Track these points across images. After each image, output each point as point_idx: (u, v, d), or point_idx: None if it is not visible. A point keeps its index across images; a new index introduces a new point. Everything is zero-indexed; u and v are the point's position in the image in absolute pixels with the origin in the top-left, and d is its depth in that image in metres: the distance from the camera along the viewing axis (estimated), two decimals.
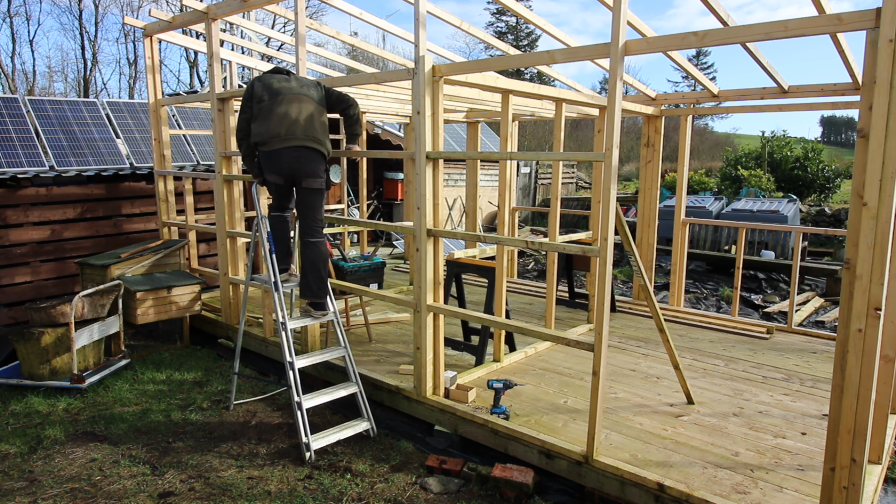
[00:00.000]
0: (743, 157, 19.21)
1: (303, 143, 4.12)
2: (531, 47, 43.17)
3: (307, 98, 4.22)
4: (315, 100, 4.26)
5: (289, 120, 4.11)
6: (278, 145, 4.11)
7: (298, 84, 4.27)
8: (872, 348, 2.54)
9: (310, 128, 4.16)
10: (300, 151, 4.13)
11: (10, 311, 6.10)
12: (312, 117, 4.18)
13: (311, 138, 4.15)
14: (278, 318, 4.06)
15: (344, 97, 4.44)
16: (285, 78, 4.29)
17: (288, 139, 4.11)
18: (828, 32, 2.70)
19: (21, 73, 28.45)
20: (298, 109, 4.15)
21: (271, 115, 4.13)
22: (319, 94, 4.33)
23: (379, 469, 3.74)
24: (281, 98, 4.15)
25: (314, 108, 4.23)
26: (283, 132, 4.10)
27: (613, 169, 3.10)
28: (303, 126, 4.14)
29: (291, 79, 4.30)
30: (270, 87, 4.20)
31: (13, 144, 6.42)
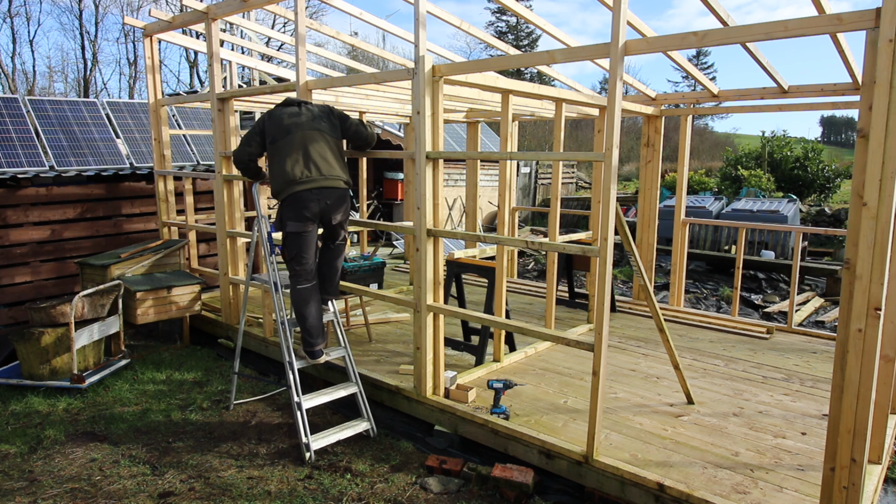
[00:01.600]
0: (743, 157, 19.22)
1: (324, 185, 3.91)
2: (531, 47, 43.16)
3: (319, 133, 3.98)
4: (328, 132, 4.04)
5: (305, 162, 3.90)
6: (298, 188, 3.87)
7: (309, 116, 4.03)
8: (872, 348, 2.54)
9: (326, 165, 3.94)
10: (324, 192, 3.92)
11: (10, 311, 6.10)
12: (328, 152, 3.97)
13: (331, 177, 3.94)
14: (278, 318, 4.06)
15: (363, 135, 4.21)
16: (295, 112, 4.05)
17: (307, 181, 3.88)
18: (828, 32, 2.70)
19: (21, 73, 28.48)
20: (311, 147, 3.93)
21: (285, 158, 3.92)
22: (332, 125, 4.11)
23: (379, 469, 3.74)
24: (292, 138, 3.93)
25: (328, 141, 4.00)
26: (299, 175, 3.88)
27: (613, 169, 3.10)
28: (318, 165, 3.91)
29: (302, 111, 4.06)
30: (280, 124, 3.99)
31: (13, 144, 6.42)
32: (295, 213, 3.91)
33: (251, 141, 4.10)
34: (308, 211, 3.91)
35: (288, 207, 3.93)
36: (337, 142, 4.09)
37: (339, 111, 4.22)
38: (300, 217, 3.92)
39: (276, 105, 4.16)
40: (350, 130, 4.20)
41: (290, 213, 3.93)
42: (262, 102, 6.95)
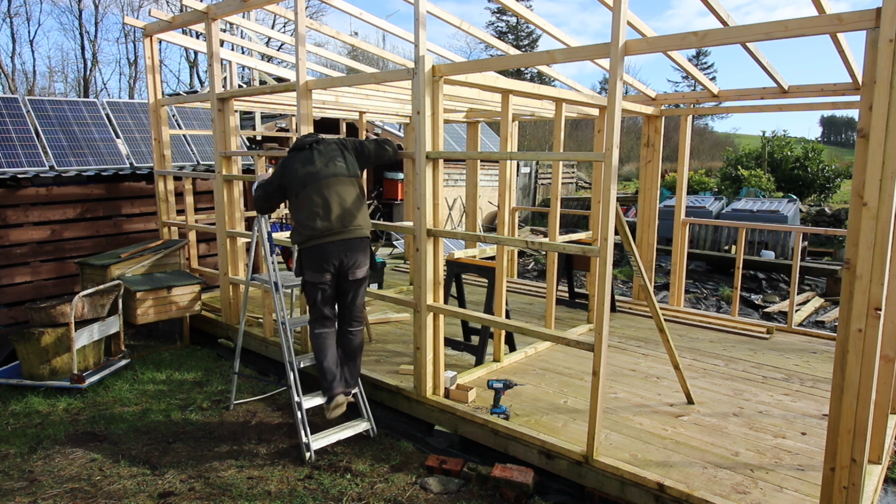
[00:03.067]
0: (743, 157, 19.22)
1: (345, 236, 3.74)
2: (531, 47, 43.16)
3: (336, 178, 3.78)
4: (345, 173, 3.82)
5: (325, 213, 3.73)
6: (321, 241, 3.74)
7: (324, 161, 3.81)
8: (872, 348, 2.54)
9: (347, 215, 3.76)
10: (347, 244, 3.75)
11: (10, 311, 6.10)
12: (347, 198, 3.78)
13: (351, 228, 3.76)
14: (278, 318, 4.06)
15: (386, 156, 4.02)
16: (308, 157, 3.84)
17: (326, 234, 3.73)
18: (828, 32, 2.70)
19: (21, 73, 28.48)
20: (330, 196, 3.74)
21: (305, 211, 3.76)
22: (348, 161, 3.90)
23: (379, 469, 3.74)
24: (308, 191, 3.75)
25: (346, 184, 3.79)
26: (321, 228, 3.72)
27: (613, 169, 3.10)
28: (339, 215, 3.74)
29: (314, 155, 3.84)
30: (296, 177, 3.81)
31: (13, 144, 6.42)
32: (316, 264, 3.78)
33: (270, 196, 3.99)
34: (328, 263, 3.77)
35: (308, 257, 3.81)
36: (356, 181, 3.90)
37: (354, 141, 4.00)
38: (320, 269, 3.79)
39: (289, 151, 4.00)
40: (371, 157, 4.04)
41: (309, 264, 3.81)
42: (262, 102, 6.95)
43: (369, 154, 4.05)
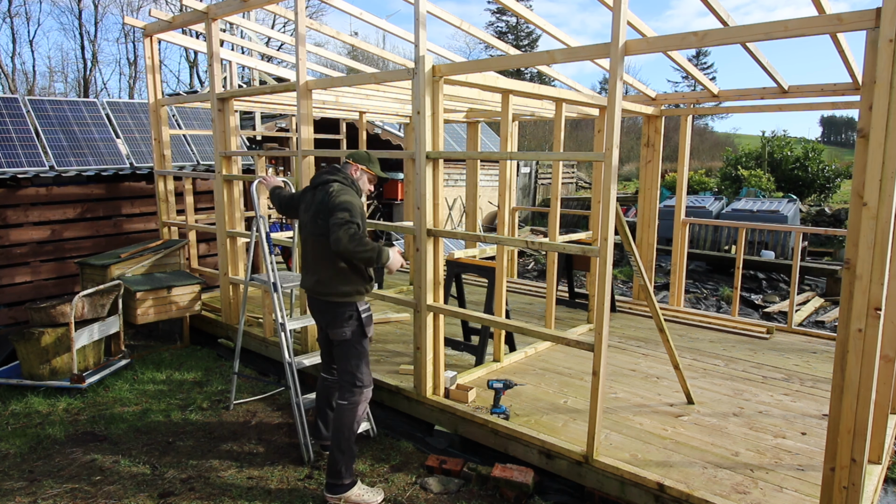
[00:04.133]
0: (743, 157, 19.22)
1: (314, 296, 3.52)
2: (531, 47, 43.16)
3: (313, 236, 3.44)
4: (322, 233, 3.38)
5: (305, 265, 3.56)
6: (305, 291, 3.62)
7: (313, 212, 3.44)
8: (872, 348, 2.54)
9: (319, 277, 3.45)
10: (315, 302, 3.54)
11: (10, 311, 6.10)
12: (319, 257, 3.43)
13: (320, 290, 3.46)
14: (278, 318, 4.06)
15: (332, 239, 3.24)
16: (309, 200, 3.52)
17: (307, 289, 3.57)
18: (828, 32, 2.70)
19: (21, 73, 28.46)
20: (308, 251, 3.52)
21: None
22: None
23: (379, 469, 3.74)
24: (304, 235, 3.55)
25: (321, 245, 3.40)
26: (303, 278, 3.60)
27: (613, 169, 3.10)
28: (313, 273, 3.49)
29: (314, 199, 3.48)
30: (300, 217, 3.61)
31: (13, 144, 6.41)
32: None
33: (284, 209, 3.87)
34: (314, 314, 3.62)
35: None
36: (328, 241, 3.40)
37: (336, 201, 3.31)
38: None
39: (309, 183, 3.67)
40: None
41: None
42: (262, 102, 6.95)
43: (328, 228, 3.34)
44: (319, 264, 3.44)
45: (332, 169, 3.55)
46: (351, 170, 3.61)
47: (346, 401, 3.45)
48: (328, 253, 3.36)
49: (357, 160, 3.65)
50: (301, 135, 4.74)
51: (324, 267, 3.42)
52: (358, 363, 3.47)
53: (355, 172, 3.62)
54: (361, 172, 3.65)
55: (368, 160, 3.68)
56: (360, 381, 3.47)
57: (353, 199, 3.36)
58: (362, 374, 3.48)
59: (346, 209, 3.27)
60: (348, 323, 3.43)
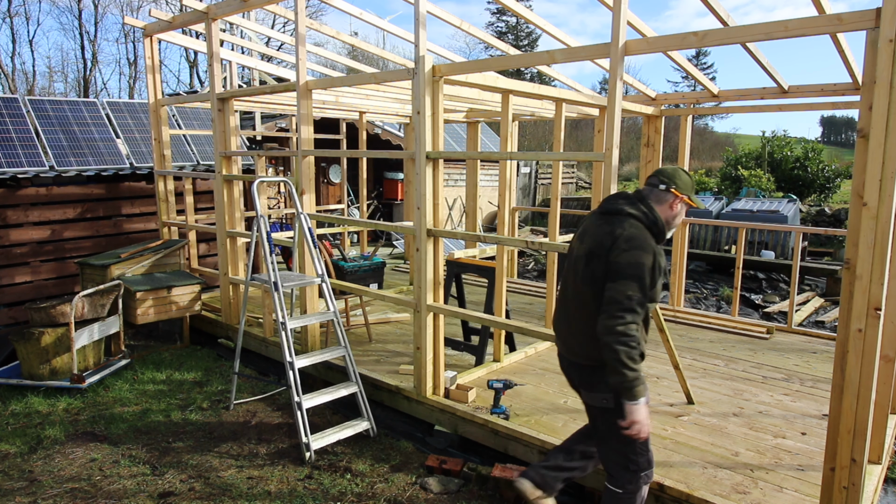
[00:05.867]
0: (743, 157, 19.22)
1: (562, 352, 2.82)
2: (531, 47, 43.16)
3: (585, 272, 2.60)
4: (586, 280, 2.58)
5: (560, 301, 2.84)
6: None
7: (592, 244, 2.59)
8: (872, 348, 2.54)
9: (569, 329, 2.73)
10: (563, 359, 2.84)
11: (10, 311, 6.10)
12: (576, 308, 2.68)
13: (568, 349, 2.76)
14: (278, 317, 4.06)
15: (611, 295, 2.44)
16: (595, 220, 2.70)
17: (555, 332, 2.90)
18: (828, 32, 2.70)
19: (21, 73, 28.46)
20: (568, 288, 2.74)
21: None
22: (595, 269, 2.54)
23: (379, 469, 3.74)
24: (566, 262, 2.84)
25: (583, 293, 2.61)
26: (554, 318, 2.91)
27: (613, 169, 3.10)
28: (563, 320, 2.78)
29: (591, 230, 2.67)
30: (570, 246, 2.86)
31: (13, 144, 6.41)
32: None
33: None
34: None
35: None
36: (593, 292, 2.53)
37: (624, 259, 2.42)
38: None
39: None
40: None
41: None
42: (262, 102, 6.96)
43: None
44: (577, 313, 2.63)
45: (635, 197, 2.63)
46: (667, 202, 2.61)
47: (621, 489, 2.60)
48: (590, 305, 2.55)
49: (682, 188, 2.61)
50: (301, 135, 4.74)
51: (582, 320, 2.60)
52: (632, 446, 2.56)
53: (673, 207, 2.61)
54: (681, 206, 2.64)
55: (691, 187, 2.67)
56: (635, 463, 2.58)
57: (646, 258, 2.42)
58: (636, 455, 2.57)
59: (636, 279, 2.39)
60: (609, 388, 2.53)
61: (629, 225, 2.50)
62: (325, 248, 5.79)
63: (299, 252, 4.91)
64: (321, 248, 5.35)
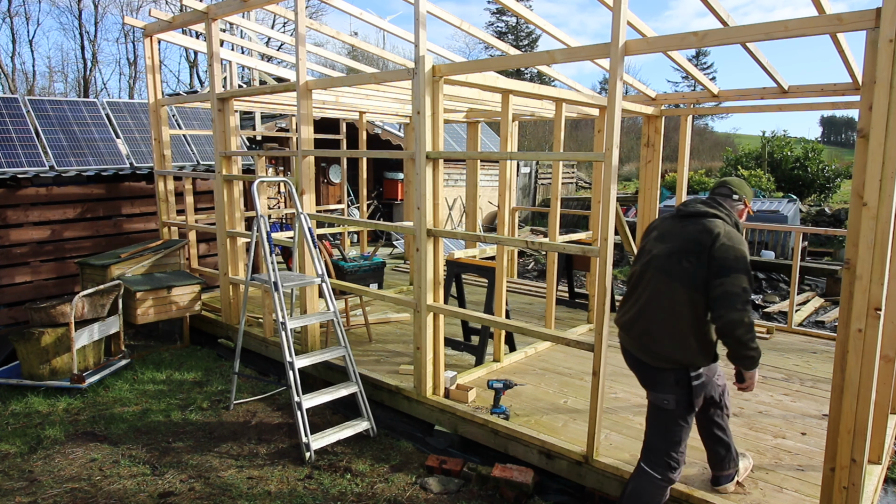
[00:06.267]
0: (743, 157, 19.23)
1: (630, 348, 2.90)
2: (531, 47, 43.16)
3: (673, 269, 2.68)
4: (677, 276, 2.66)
5: (629, 298, 2.94)
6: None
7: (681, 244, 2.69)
8: (872, 348, 2.54)
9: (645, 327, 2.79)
10: (629, 355, 2.95)
11: (10, 311, 6.10)
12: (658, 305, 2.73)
13: (641, 346, 2.82)
14: (278, 318, 4.06)
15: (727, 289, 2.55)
16: (672, 224, 2.82)
17: (621, 328, 2.98)
18: (828, 32, 2.70)
19: (21, 73, 28.45)
20: (645, 285, 2.80)
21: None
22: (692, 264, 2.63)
23: (379, 469, 3.74)
24: (638, 265, 2.91)
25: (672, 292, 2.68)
26: (620, 315, 3.00)
27: (613, 169, 3.10)
28: (638, 318, 2.82)
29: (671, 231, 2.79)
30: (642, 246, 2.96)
31: (13, 144, 6.41)
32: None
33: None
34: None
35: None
36: (686, 289, 2.62)
37: (731, 255, 2.56)
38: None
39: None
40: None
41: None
42: (262, 102, 6.95)
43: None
44: (654, 313, 2.70)
45: (712, 201, 2.81)
46: (738, 211, 2.84)
47: (658, 474, 2.74)
48: (673, 304, 2.63)
49: (748, 196, 2.87)
50: (301, 135, 4.74)
51: (659, 320, 2.68)
52: (679, 440, 2.72)
53: (741, 215, 2.86)
54: (746, 215, 2.93)
55: (752, 195, 2.93)
56: (675, 461, 2.73)
57: (746, 252, 2.60)
58: (679, 455, 2.73)
59: (746, 272, 2.54)
60: (673, 389, 2.68)
61: (722, 224, 2.68)
62: (325, 248, 5.79)
63: (299, 252, 4.91)
64: (321, 248, 5.35)
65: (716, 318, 2.57)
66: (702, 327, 2.64)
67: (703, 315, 2.63)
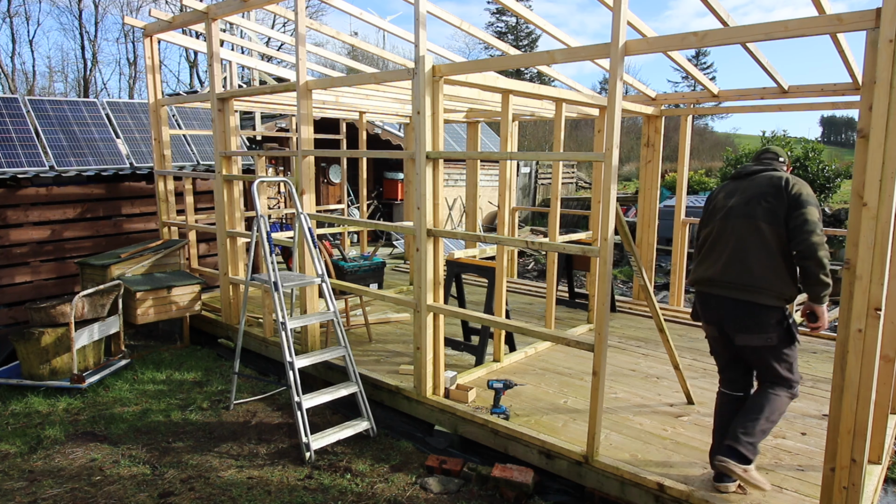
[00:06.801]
0: (743, 157, 19.20)
1: (729, 293, 3.02)
2: (531, 47, 43.16)
3: (755, 212, 2.96)
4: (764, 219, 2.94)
5: (712, 253, 3.13)
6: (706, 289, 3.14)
7: (752, 193, 3.02)
8: (872, 348, 2.54)
9: (745, 267, 2.98)
10: (722, 302, 3.06)
11: (10, 311, 6.10)
12: (752, 247, 2.97)
13: (744, 285, 2.97)
14: (278, 317, 4.06)
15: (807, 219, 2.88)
16: (736, 185, 3.13)
17: (710, 280, 3.10)
18: (828, 32, 2.70)
19: (21, 73, 28.45)
20: (728, 236, 3.04)
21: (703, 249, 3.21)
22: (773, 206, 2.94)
23: (379, 469, 3.74)
24: (715, 222, 3.14)
25: (762, 228, 2.94)
26: (703, 270, 3.15)
27: (613, 169, 3.10)
28: (733, 262, 3.01)
29: (736, 189, 3.12)
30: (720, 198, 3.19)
31: (13, 144, 6.42)
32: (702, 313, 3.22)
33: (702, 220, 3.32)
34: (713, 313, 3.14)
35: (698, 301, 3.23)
36: (772, 227, 2.93)
37: (803, 193, 2.92)
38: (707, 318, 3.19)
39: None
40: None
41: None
42: (262, 102, 6.95)
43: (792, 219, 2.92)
44: (747, 253, 2.94)
45: (764, 160, 3.20)
46: (783, 169, 3.20)
47: (787, 394, 3.05)
48: (762, 240, 2.92)
49: (788, 159, 3.31)
50: (301, 135, 4.74)
51: (754, 257, 2.94)
52: (790, 367, 3.02)
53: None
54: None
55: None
56: (794, 381, 3.06)
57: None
58: (795, 375, 3.06)
59: (818, 206, 2.88)
60: (774, 328, 2.94)
61: (783, 175, 3.04)
62: (325, 248, 5.79)
63: (299, 252, 4.91)
64: (321, 248, 5.35)
65: (798, 243, 2.86)
66: (787, 258, 2.97)
67: (787, 247, 2.94)
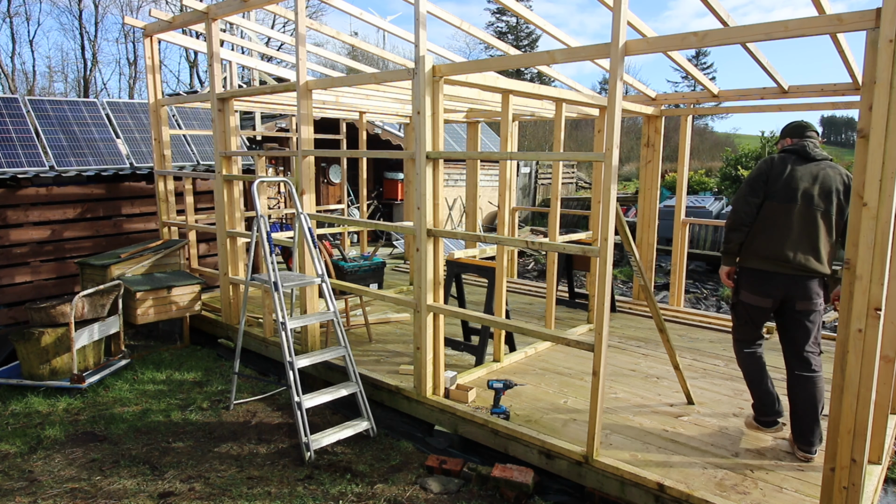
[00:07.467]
0: (743, 157, 19.19)
1: (799, 271, 3.45)
2: (531, 47, 43.17)
3: (829, 208, 3.44)
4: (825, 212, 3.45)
5: (788, 236, 3.47)
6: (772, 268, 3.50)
7: (823, 187, 3.46)
8: (872, 348, 2.54)
9: (817, 253, 3.47)
10: (789, 280, 3.47)
11: (10, 311, 6.10)
12: (823, 235, 3.47)
13: (813, 268, 3.46)
14: (278, 318, 4.06)
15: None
16: (805, 168, 3.49)
17: (785, 261, 3.46)
18: (828, 32, 2.70)
19: (21, 73, 28.47)
20: (806, 224, 3.46)
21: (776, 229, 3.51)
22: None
23: (379, 469, 3.74)
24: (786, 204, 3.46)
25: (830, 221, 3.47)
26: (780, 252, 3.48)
27: (613, 169, 3.10)
28: (808, 247, 3.46)
29: (809, 174, 3.48)
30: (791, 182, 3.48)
31: (13, 144, 6.42)
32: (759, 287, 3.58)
33: (756, 190, 3.55)
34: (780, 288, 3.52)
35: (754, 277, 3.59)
36: (836, 220, 3.47)
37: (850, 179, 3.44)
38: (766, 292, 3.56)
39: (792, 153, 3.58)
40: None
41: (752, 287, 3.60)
42: (262, 102, 6.96)
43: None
44: (820, 241, 3.46)
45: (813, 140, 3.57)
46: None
47: (819, 372, 3.55)
48: (829, 228, 3.46)
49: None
50: (301, 135, 4.74)
51: (826, 244, 3.48)
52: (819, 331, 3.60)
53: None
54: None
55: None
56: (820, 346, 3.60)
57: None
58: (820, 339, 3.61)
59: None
60: (822, 294, 3.55)
61: (837, 167, 3.50)
62: (325, 248, 5.79)
63: (299, 252, 4.91)
64: (321, 248, 5.35)
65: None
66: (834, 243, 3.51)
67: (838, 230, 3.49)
